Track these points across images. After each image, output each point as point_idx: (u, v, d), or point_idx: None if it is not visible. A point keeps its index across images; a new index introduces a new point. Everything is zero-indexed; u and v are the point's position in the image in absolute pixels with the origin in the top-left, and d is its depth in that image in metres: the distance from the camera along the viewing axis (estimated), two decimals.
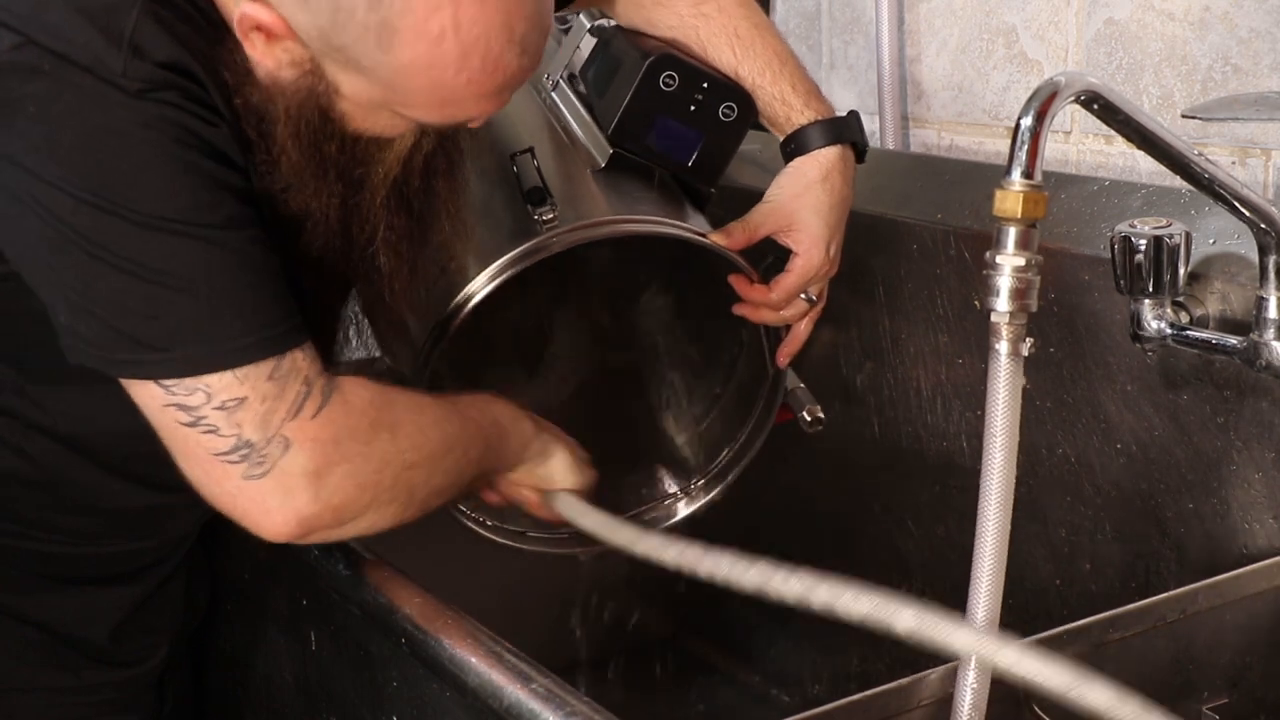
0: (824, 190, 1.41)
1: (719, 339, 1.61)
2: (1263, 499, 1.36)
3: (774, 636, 2.00)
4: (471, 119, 1.16)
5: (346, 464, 1.13)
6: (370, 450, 1.15)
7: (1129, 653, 1.15)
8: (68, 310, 1.10)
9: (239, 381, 1.09)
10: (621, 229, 1.36)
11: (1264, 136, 1.48)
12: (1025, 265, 1.05)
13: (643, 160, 1.41)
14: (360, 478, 1.14)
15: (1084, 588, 1.55)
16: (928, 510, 1.73)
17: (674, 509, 1.58)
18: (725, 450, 1.57)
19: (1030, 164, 1.05)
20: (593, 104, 1.45)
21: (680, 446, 1.63)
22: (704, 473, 1.58)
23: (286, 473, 1.11)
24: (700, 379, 1.64)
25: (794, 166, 1.43)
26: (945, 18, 1.81)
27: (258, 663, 1.52)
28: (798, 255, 1.41)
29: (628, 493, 1.60)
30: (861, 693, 1.04)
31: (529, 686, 1.04)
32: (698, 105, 1.39)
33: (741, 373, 1.58)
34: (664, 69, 1.38)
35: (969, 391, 1.64)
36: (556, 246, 1.33)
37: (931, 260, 1.64)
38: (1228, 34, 1.49)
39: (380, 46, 1.06)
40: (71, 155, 1.06)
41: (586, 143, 1.43)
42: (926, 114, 1.85)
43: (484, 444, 1.27)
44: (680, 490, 1.59)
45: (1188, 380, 1.41)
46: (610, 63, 1.44)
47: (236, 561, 1.53)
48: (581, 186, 1.40)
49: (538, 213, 1.33)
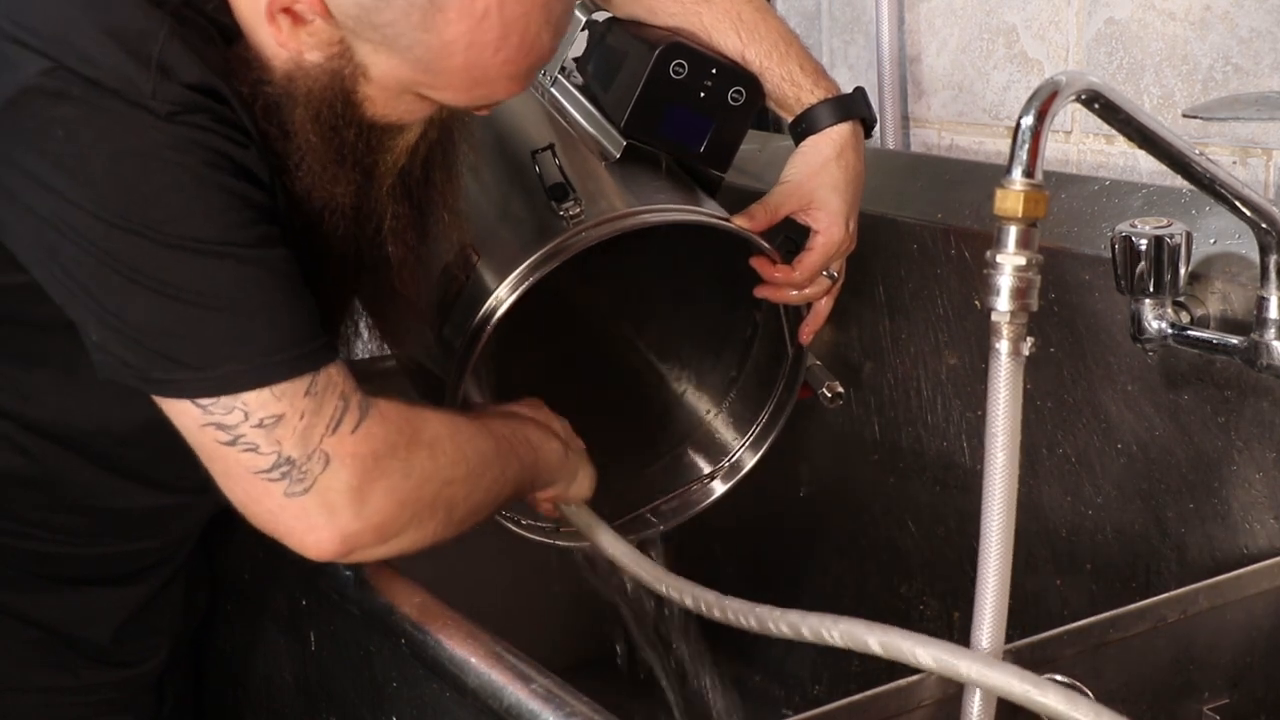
0: (839, 167, 1.43)
1: (732, 322, 1.61)
2: (1263, 499, 1.36)
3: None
4: (497, 101, 1.17)
5: (386, 480, 1.13)
6: (410, 467, 1.15)
7: (1129, 653, 1.15)
8: (100, 329, 1.10)
9: (276, 398, 1.09)
10: (648, 219, 1.36)
11: (1265, 136, 1.48)
12: (1026, 265, 1.05)
13: (654, 149, 1.42)
14: (401, 494, 1.14)
15: (1084, 588, 1.55)
16: (928, 510, 1.73)
17: (711, 489, 1.59)
18: (750, 429, 1.58)
19: (1031, 163, 1.04)
20: (597, 96, 1.45)
21: (705, 428, 1.63)
22: (732, 451, 1.59)
23: (328, 489, 1.11)
24: (717, 362, 1.65)
25: (808, 145, 1.44)
26: (945, 18, 1.81)
27: (258, 663, 1.52)
28: (818, 233, 1.43)
29: (661, 477, 1.61)
30: (862, 693, 1.04)
31: (529, 686, 1.04)
32: (707, 92, 1.40)
33: (757, 354, 1.59)
34: (673, 57, 1.38)
35: (969, 391, 1.63)
36: (584, 242, 1.33)
37: (931, 260, 1.64)
38: (1228, 34, 1.49)
39: (423, 25, 1.06)
40: (103, 179, 1.06)
41: (597, 135, 1.43)
42: (926, 114, 1.85)
43: (519, 463, 1.29)
44: (713, 470, 1.59)
45: (1188, 380, 1.41)
46: (613, 55, 1.44)
47: (236, 562, 1.53)
48: (599, 180, 1.40)
49: (562, 208, 1.33)
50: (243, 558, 1.51)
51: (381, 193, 1.19)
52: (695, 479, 1.60)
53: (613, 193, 1.40)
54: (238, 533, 1.48)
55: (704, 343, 1.66)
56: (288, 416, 1.09)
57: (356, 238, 1.20)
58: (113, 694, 1.41)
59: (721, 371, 1.64)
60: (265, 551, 1.43)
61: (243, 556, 1.51)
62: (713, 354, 1.65)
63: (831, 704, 1.03)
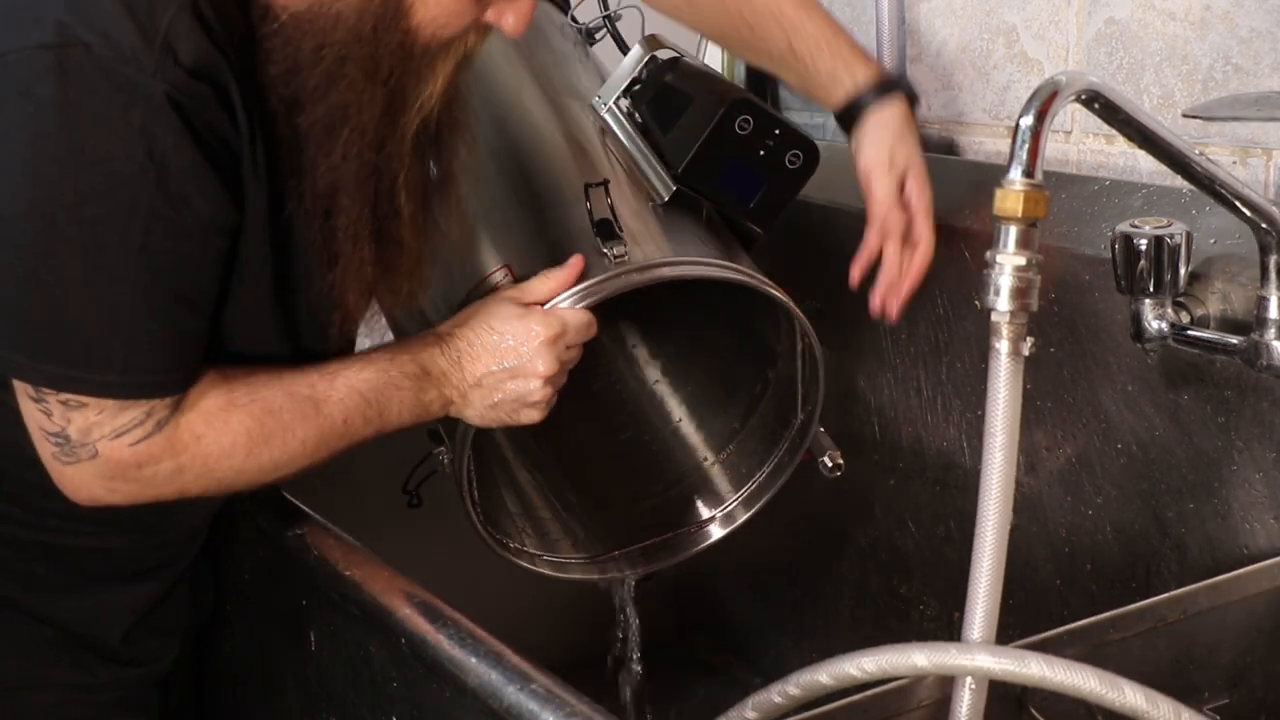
0: (911, 131, 1.52)
1: (743, 374, 1.60)
2: (1263, 499, 1.36)
3: (774, 636, 2.00)
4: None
5: (134, 485, 1.20)
6: (162, 483, 1.21)
7: (1129, 653, 1.15)
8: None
9: (87, 395, 1.16)
10: (688, 272, 1.36)
11: (1265, 136, 1.48)
12: (1026, 264, 1.05)
13: (703, 198, 1.43)
14: (146, 496, 1.22)
15: (1084, 588, 1.55)
16: (928, 510, 1.73)
17: (704, 534, 1.58)
18: (747, 485, 1.57)
19: (1031, 163, 1.04)
20: (653, 135, 1.45)
21: (701, 474, 1.62)
22: (726, 503, 1.58)
23: (84, 472, 1.19)
24: (722, 410, 1.64)
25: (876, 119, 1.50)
26: (945, 18, 1.81)
27: (258, 663, 1.52)
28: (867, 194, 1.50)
29: (648, 516, 1.60)
30: (861, 693, 1.04)
31: (529, 686, 1.04)
32: (767, 150, 1.42)
33: (765, 411, 1.58)
34: (741, 113, 1.40)
35: (969, 391, 1.63)
36: (623, 286, 1.33)
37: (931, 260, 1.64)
38: (1228, 33, 1.49)
39: None
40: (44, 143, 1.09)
41: (648, 174, 1.43)
42: (926, 114, 1.85)
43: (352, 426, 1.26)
44: (706, 518, 1.59)
45: (1188, 380, 1.41)
46: (677, 97, 1.45)
47: (237, 562, 1.53)
48: (644, 221, 1.40)
49: (607, 246, 1.33)
50: (243, 558, 1.51)
51: (407, 136, 1.21)
52: (688, 524, 1.59)
53: (657, 236, 1.39)
54: (239, 533, 1.49)
55: (712, 389, 1.66)
56: (88, 408, 1.15)
57: (376, 176, 1.20)
58: (124, 692, 1.42)
59: (725, 421, 1.63)
60: (266, 551, 1.43)
61: (243, 557, 1.51)
62: (719, 402, 1.64)
63: (831, 704, 1.03)
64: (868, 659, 1.01)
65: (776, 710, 1.05)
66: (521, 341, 1.28)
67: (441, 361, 1.29)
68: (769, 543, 1.98)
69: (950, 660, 1.00)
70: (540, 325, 1.29)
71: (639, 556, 1.57)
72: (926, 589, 1.75)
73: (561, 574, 1.53)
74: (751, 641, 2.05)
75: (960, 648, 1.01)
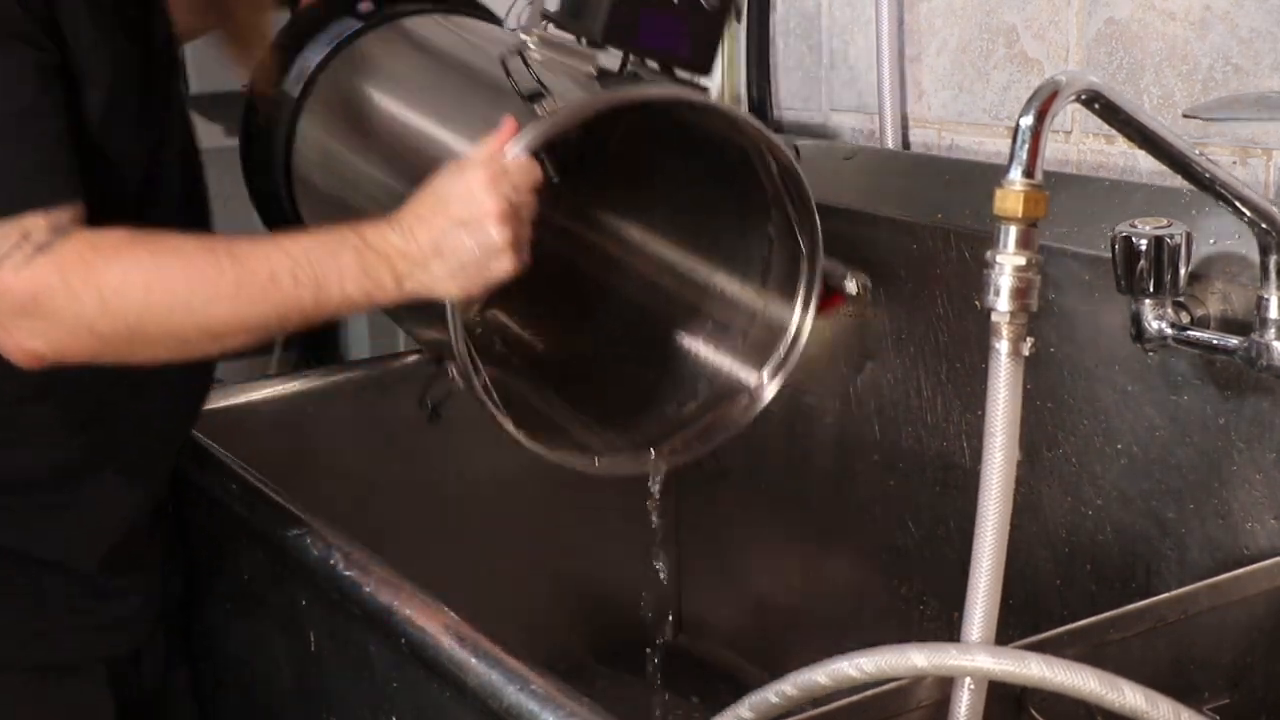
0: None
1: (749, 239, 1.59)
2: (1263, 499, 1.36)
3: (774, 636, 2.00)
4: None
5: (44, 322, 1.18)
6: (69, 319, 1.19)
7: (1129, 653, 1.15)
8: None
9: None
10: (618, 97, 1.36)
11: (1265, 136, 1.48)
12: (1026, 264, 1.05)
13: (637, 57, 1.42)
14: (66, 329, 1.19)
15: (1084, 588, 1.55)
16: (928, 510, 1.73)
17: (753, 407, 1.56)
18: (780, 344, 1.56)
19: (1031, 163, 1.04)
20: (570, 28, 1.44)
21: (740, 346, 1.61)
22: (765, 368, 1.57)
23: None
24: (743, 283, 1.63)
25: None
26: (945, 18, 1.81)
27: (258, 663, 1.52)
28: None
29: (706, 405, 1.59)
30: (861, 694, 1.04)
31: (529, 686, 1.04)
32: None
33: (776, 267, 1.57)
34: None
35: (969, 391, 1.63)
36: (552, 125, 1.31)
37: (931, 260, 1.64)
38: (1228, 34, 1.49)
39: None
40: None
41: (575, 64, 1.43)
42: (926, 114, 1.84)
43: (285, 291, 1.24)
44: (753, 387, 1.57)
45: (1188, 380, 1.41)
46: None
47: (236, 561, 1.53)
48: (576, 85, 1.40)
49: (537, 104, 1.32)
50: (243, 557, 1.51)
51: None
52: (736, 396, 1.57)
53: (589, 90, 1.39)
54: (239, 533, 1.49)
55: (730, 266, 1.64)
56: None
57: None
58: (93, 636, 1.42)
59: (749, 290, 1.61)
60: (266, 552, 1.43)
61: (243, 556, 1.51)
62: (739, 277, 1.63)
63: (830, 704, 1.03)
64: (866, 659, 1.01)
65: (773, 710, 1.05)
66: (464, 191, 1.26)
67: (394, 238, 1.26)
68: (769, 542, 1.99)
69: (949, 661, 1.00)
70: (477, 169, 1.27)
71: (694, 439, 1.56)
72: (926, 589, 1.75)
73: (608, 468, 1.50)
74: (751, 641, 2.05)
75: (959, 648, 1.01)
